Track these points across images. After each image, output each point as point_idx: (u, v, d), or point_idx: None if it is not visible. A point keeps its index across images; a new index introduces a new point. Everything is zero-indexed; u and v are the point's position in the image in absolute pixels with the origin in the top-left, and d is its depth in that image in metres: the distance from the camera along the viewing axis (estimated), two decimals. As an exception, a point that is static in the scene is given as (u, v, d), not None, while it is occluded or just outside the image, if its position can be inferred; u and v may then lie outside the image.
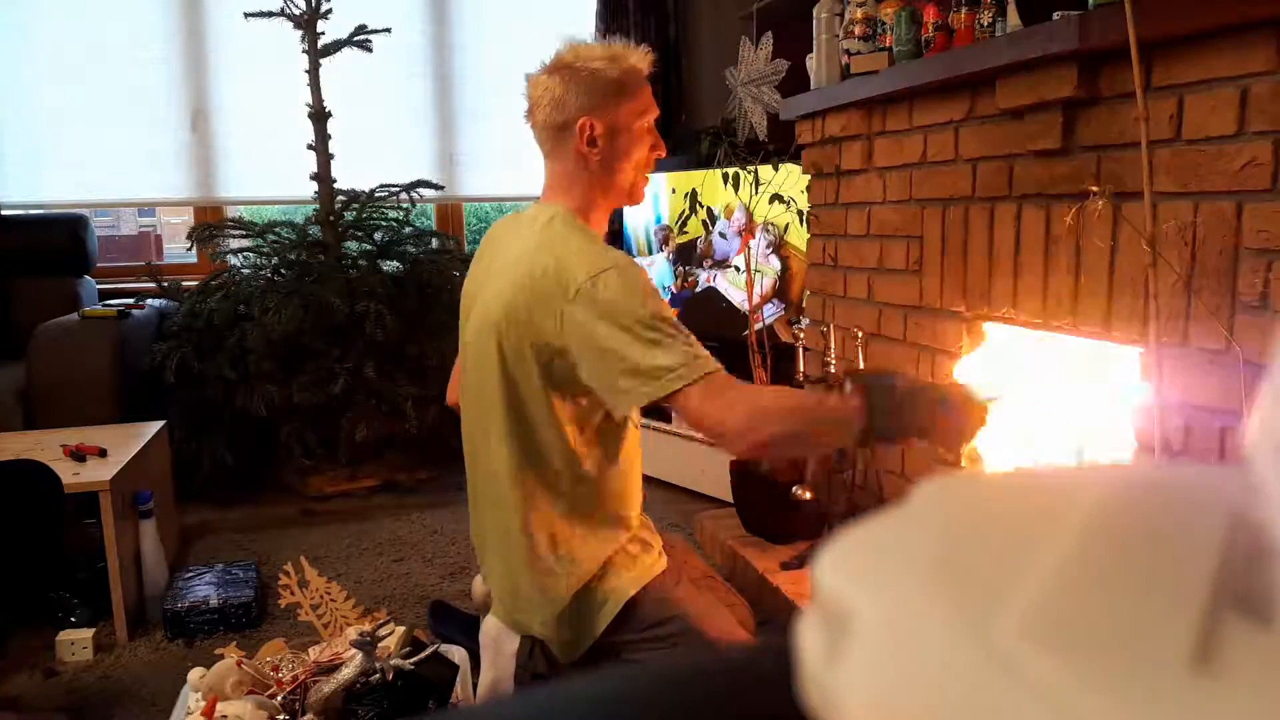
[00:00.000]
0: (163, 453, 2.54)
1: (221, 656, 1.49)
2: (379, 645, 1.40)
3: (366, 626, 1.46)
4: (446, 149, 3.73)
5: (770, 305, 2.87)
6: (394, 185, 3.16)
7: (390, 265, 3.11)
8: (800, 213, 2.71)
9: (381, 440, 2.96)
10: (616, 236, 3.52)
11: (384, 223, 3.16)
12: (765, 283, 2.86)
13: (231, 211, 3.64)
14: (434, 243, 3.25)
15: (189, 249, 3.50)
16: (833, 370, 2.25)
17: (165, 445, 2.57)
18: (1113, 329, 1.57)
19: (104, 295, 3.27)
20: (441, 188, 3.28)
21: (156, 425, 2.52)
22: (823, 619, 0.21)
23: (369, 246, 3.12)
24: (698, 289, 3.20)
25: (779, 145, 2.88)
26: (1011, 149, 1.80)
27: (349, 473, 3.03)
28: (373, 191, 3.13)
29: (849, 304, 2.44)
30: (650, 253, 3.38)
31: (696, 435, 2.94)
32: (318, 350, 2.87)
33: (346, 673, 1.38)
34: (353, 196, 3.09)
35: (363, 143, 3.32)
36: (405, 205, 3.21)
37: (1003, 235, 1.84)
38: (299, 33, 3.01)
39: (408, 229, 3.20)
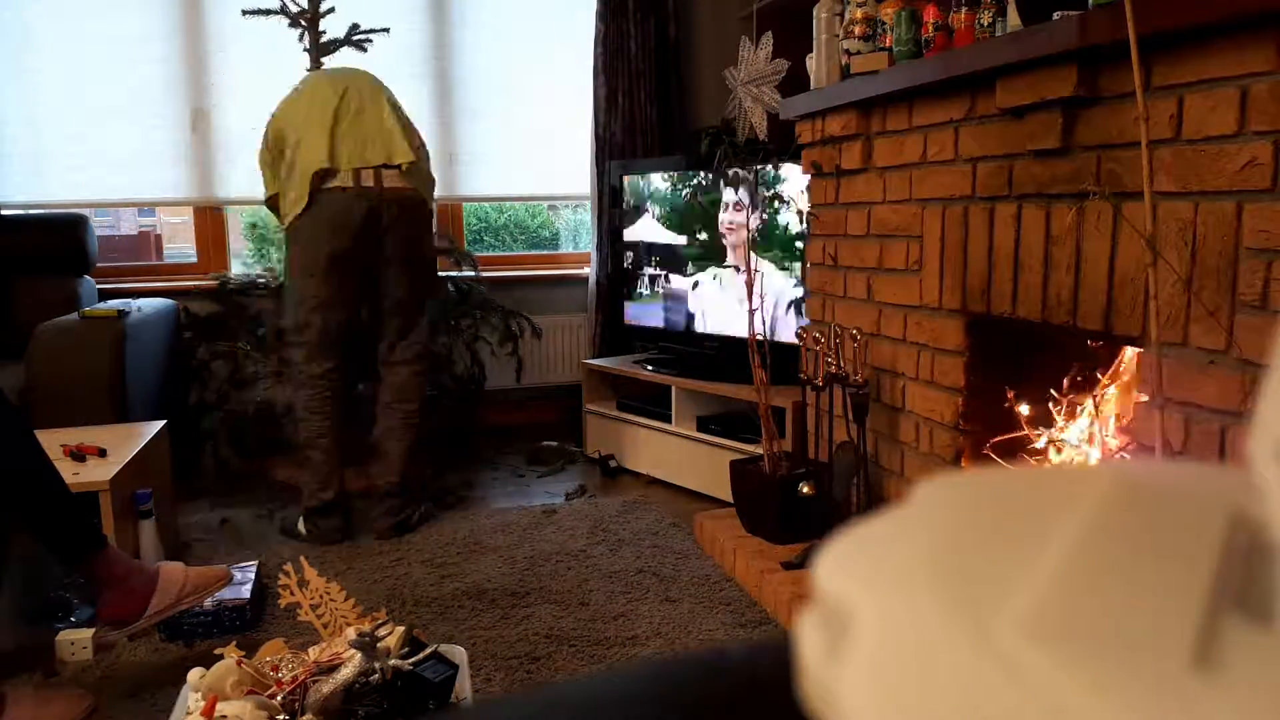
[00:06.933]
0: (162, 453, 2.54)
1: (221, 657, 1.49)
2: (378, 645, 1.40)
3: (366, 626, 1.46)
4: (446, 149, 3.73)
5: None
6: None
7: None
8: (800, 213, 2.71)
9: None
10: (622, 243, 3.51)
11: None
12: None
13: (232, 212, 3.65)
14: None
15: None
16: (832, 370, 2.25)
17: (165, 445, 2.57)
18: (1113, 329, 1.57)
19: (104, 295, 3.27)
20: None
21: (157, 425, 2.52)
22: (823, 618, 0.21)
23: None
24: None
25: (779, 145, 2.89)
26: (1011, 149, 1.80)
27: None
28: None
29: (849, 304, 2.44)
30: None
31: (696, 435, 2.94)
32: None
33: (346, 673, 1.38)
34: None
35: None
36: None
37: (1003, 235, 1.84)
38: (298, 31, 3.00)
39: None
